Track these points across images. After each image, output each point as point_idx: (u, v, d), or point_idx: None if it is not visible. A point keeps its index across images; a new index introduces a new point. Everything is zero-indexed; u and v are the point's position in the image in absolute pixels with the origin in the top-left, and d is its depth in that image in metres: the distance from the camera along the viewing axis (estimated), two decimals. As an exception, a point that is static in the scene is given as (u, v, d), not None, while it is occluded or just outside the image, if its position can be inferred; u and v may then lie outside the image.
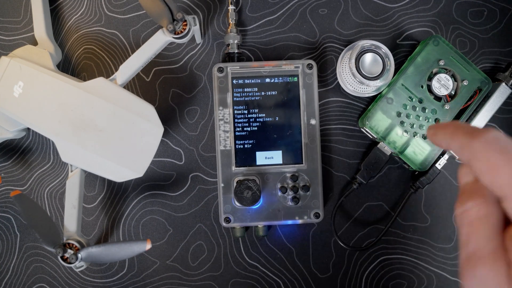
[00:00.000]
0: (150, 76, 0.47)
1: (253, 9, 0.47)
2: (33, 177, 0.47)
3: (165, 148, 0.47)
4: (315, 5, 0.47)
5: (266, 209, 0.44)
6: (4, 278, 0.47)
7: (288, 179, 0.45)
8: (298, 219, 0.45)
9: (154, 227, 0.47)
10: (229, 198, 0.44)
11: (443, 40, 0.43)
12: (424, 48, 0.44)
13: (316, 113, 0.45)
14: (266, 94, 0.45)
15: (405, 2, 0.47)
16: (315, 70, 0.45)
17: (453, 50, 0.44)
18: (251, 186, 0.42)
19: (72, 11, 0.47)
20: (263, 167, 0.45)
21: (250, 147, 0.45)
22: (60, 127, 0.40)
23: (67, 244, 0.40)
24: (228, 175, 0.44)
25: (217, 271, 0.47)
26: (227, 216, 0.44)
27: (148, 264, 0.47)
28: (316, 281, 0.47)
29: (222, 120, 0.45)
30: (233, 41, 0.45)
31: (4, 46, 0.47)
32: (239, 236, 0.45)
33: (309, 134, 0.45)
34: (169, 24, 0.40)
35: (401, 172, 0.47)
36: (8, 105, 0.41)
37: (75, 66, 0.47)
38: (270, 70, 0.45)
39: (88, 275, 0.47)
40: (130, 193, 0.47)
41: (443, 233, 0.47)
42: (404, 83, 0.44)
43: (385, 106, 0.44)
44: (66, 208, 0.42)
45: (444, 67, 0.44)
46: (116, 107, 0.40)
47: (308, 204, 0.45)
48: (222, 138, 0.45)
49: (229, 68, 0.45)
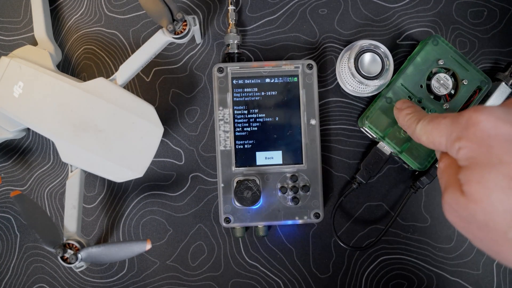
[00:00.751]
0: (150, 76, 0.47)
1: (253, 9, 0.47)
2: (33, 177, 0.47)
3: (165, 148, 0.47)
4: (315, 5, 0.47)
5: (266, 209, 0.44)
6: (4, 278, 0.47)
7: (288, 179, 0.45)
8: (298, 219, 0.45)
9: (154, 227, 0.47)
10: (229, 198, 0.44)
11: (442, 40, 0.44)
12: (424, 47, 0.44)
13: (316, 113, 0.45)
14: (266, 94, 0.45)
15: (405, 2, 0.47)
16: (315, 70, 0.45)
17: (453, 50, 0.44)
18: (251, 186, 0.42)
19: (72, 11, 0.47)
20: (263, 167, 0.45)
21: (250, 147, 0.45)
22: (60, 127, 0.40)
23: (67, 244, 0.40)
24: (228, 175, 0.44)
25: (217, 271, 0.47)
26: (227, 216, 0.44)
27: (148, 264, 0.47)
28: (316, 281, 0.47)
29: (222, 120, 0.45)
30: (233, 41, 0.45)
31: (4, 46, 0.47)
32: (239, 236, 0.45)
33: (309, 134, 0.45)
34: (169, 24, 0.40)
35: (401, 172, 0.47)
36: (8, 105, 0.41)
37: (75, 66, 0.47)
38: (270, 70, 0.45)
39: (88, 275, 0.47)
40: (130, 193, 0.47)
41: (443, 233, 0.47)
42: (404, 82, 0.44)
43: (385, 106, 0.44)
44: (66, 208, 0.42)
45: (443, 66, 0.44)
46: (116, 107, 0.40)
47: (308, 204, 0.45)
48: (222, 138, 0.45)
49: (229, 68, 0.45)
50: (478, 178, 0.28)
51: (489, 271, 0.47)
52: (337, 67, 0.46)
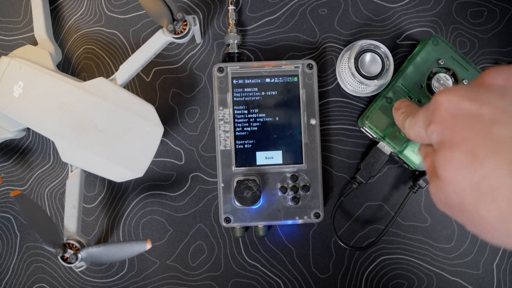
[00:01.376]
0: (150, 76, 0.47)
1: (253, 9, 0.47)
2: (33, 177, 0.47)
3: (165, 148, 0.47)
4: (315, 5, 0.47)
5: (266, 209, 0.44)
6: (4, 278, 0.47)
7: (288, 179, 0.45)
8: (298, 219, 0.45)
9: (154, 227, 0.47)
10: (229, 198, 0.44)
11: (442, 40, 0.44)
12: (424, 47, 0.44)
13: (316, 113, 0.45)
14: (266, 94, 0.45)
15: (405, 2, 0.47)
16: (315, 70, 0.45)
17: (453, 50, 0.44)
18: (251, 186, 0.42)
19: (72, 11, 0.47)
20: (263, 167, 0.45)
21: (250, 147, 0.45)
22: (60, 127, 0.40)
23: (67, 244, 0.40)
24: (228, 175, 0.44)
25: (217, 271, 0.47)
26: (227, 216, 0.44)
27: (148, 264, 0.47)
28: (316, 281, 0.47)
29: (222, 120, 0.45)
30: (233, 41, 0.45)
31: (4, 46, 0.47)
32: (239, 236, 0.45)
33: (309, 134, 0.45)
34: (169, 24, 0.40)
35: (401, 172, 0.47)
36: (8, 105, 0.41)
37: (75, 66, 0.47)
38: (270, 70, 0.45)
39: (88, 275, 0.47)
40: (130, 193, 0.47)
41: (443, 233, 0.47)
42: (404, 82, 0.44)
43: (385, 106, 0.44)
44: (66, 208, 0.42)
45: (444, 66, 0.44)
46: (116, 107, 0.40)
47: (308, 204, 0.45)
48: (222, 138, 0.45)
49: (229, 68, 0.45)
50: (446, 159, 0.28)
51: (489, 271, 0.47)
52: (337, 67, 0.46)
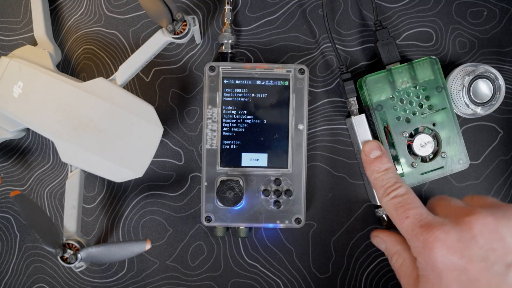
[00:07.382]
0: (150, 76, 0.47)
1: (252, 9, 0.47)
2: (33, 177, 0.47)
3: (164, 148, 0.47)
4: (315, 5, 0.47)
5: (247, 210, 0.44)
6: (3, 278, 0.47)
7: (271, 183, 0.44)
8: (279, 223, 0.44)
9: (154, 227, 0.47)
10: (211, 197, 0.44)
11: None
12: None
13: (304, 119, 0.44)
14: (256, 96, 0.45)
15: (405, 2, 0.47)
16: (307, 75, 0.44)
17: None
18: (233, 187, 0.42)
19: (71, 11, 0.47)
20: (247, 168, 0.44)
21: (236, 148, 0.45)
22: (60, 127, 0.40)
23: (66, 245, 0.40)
24: (212, 174, 0.44)
25: (216, 271, 0.47)
26: (208, 215, 0.44)
27: (147, 264, 0.47)
28: (316, 281, 0.47)
29: (210, 119, 0.44)
30: (227, 40, 0.45)
31: (4, 46, 0.47)
32: (220, 236, 0.45)
33: (296, 139, 0.44)
34: (169, 24, 0.40)
35: (401, 172, 0.47)
36: (8, 105, 0.41)
37: (74, 66, 0.47)
38: (262, 73, 0.45)
39: (88, 275, 0.47)
40: (130, 193, 0.47)
41: (443, 233, 0.47)
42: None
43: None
44: (66, 208, 0.42)
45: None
46: (116, 108, 0.40)
47: (290, 209, 0.44)
48: (209, 137, 0.44)
49: (220, 67, 0.44)
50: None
51: (489, 271, 0.47)
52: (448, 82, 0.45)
